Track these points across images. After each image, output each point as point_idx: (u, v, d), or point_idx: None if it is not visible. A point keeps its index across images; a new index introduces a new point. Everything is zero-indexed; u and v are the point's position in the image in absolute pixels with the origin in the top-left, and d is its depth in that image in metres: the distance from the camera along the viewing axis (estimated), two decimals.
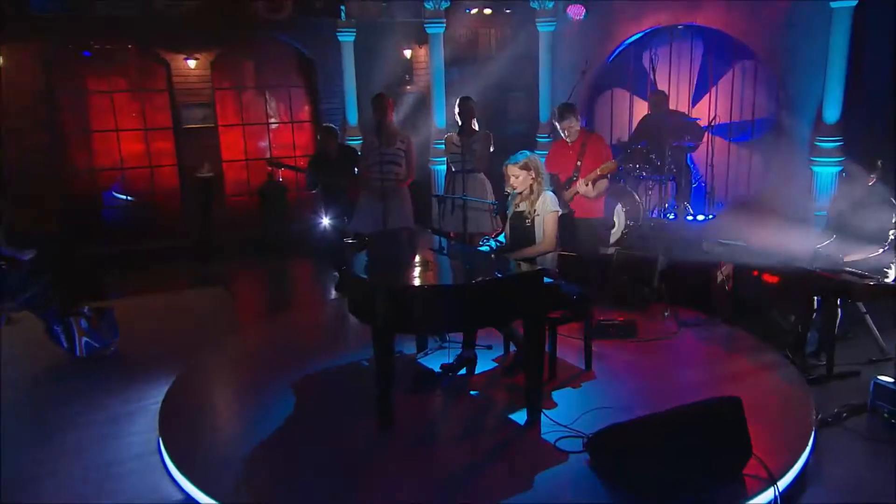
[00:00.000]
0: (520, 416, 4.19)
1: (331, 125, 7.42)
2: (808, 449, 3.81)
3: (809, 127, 7.20)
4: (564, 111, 5.81)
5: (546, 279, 4.19)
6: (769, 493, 3.37)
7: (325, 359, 5.27)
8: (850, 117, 6.86)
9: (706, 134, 7.83)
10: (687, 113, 8.21)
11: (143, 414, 4.63)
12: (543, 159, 5.69)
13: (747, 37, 7.77)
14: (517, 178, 4.66)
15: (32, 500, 3.73)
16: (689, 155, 8.12)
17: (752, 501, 3.34)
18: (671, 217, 7.68)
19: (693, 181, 8.12)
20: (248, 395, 4.81)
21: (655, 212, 7.67)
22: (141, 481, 3.89)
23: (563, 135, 5.84)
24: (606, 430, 3.58)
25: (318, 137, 7.41)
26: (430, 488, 3.56)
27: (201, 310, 7.01)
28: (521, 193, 4.72)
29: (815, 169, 6.99)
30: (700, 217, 7.75)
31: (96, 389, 5.09)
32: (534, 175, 4.65)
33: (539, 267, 4.34)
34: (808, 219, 6.57)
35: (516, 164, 4.66)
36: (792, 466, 3.59)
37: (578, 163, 5.71)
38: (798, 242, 5.60)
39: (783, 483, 3.48)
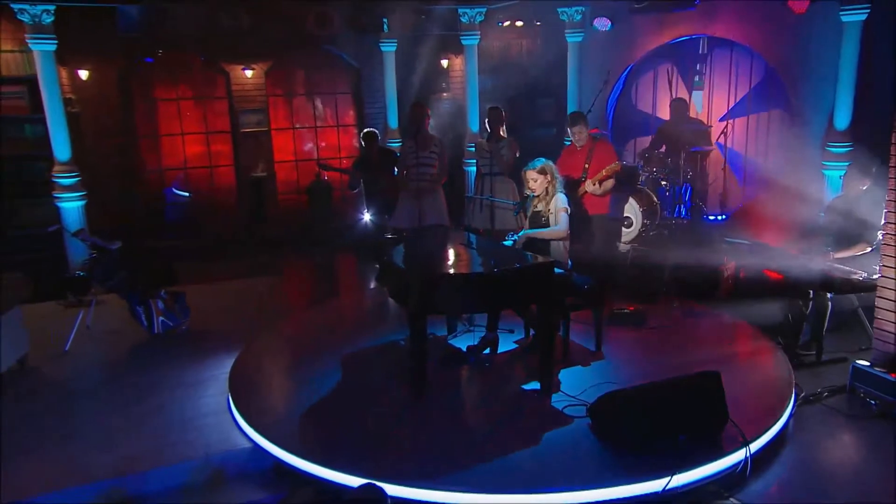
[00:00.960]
0: (534, 387, 4.70)
1: (372, 130, 7.76)
2: (783, 419, 4.27)
3: (821, 133, 7.41)
4: (575, 119, 6.33)
5: (557, 270, 4.75)
6: (742, 453, 3.86)
7: (366, 338, 5.77)
8: (859, 124, 7.06)
9: (723, 137, 8.17)
10: (702, 120, 8.51)
11: (213, 381, 5.20)
12: None
13: (762, 48, 8.00)
14: (535, 181, 5.19)
15: (133, 448, 4.31)
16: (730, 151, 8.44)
17: (726, 458, 3.83)
18: (686, 217, 7.99)
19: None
20: (302, 366, 5.36)
21: (671, 211, 7.98)
22: (216, 433, 4.46)
23: (573, 139, 6.37)
24: (604, 397, 4.12)
25: (361, 141, 7.79)
26: (455, 442, 4.10)
27: (257, 295, 7.43)
28: (538, 195, 5.24)
29: (826, 172, 7.25)
30: (719, 217, 8.11)
31: (172, 361, 5.64)
32: (549, 179, 5.17)
33: (550, 259, 4.85)
34: (816, 219, 6.92)
35: (534, 169, 5.18)
36: (765, 432, 4.07)
37: (586, 165, 6.22)
38: (798, 241, 6.04)
39: (757, 445, 3.97)
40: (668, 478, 3.64)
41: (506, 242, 5.48)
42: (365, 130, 7.81)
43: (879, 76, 7.21)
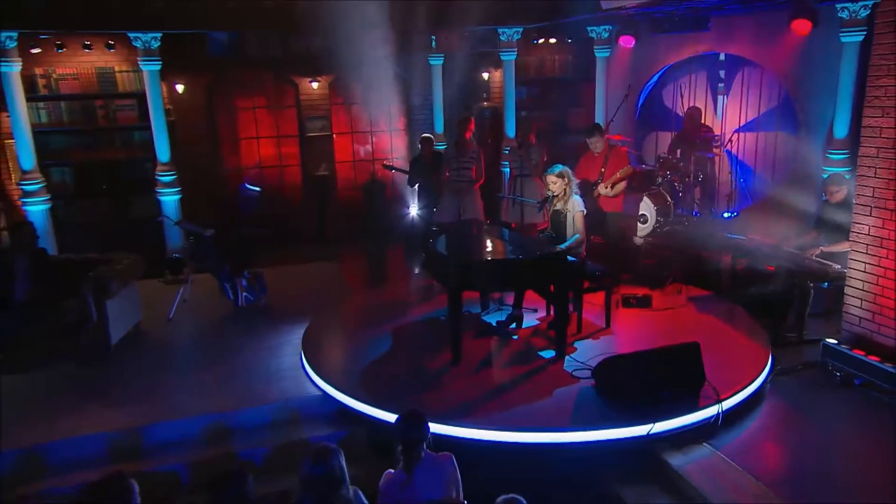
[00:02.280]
0: (549, 354, 5.36)
1: (429, 135, 8.25)
2: (756, 384, 4.85)
3: (822, 141, 7.73)
4: (592, 130, 6.92)
5: (570, 258, 5.42)
6: (715, 408, 4.48)
7: (412, 314, 6.42)
8: (857, 134, 7.45)
9: (730, 144, 8.59)
10: (711, 127, 8.80)
11: (288, 345, 5.94)
12: None
13: (772, 65, 8.30)
14: (555, 184, 5.82)
15: (228, 394, 5.07)
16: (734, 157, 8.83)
17: (701, 411, 4.46)
18: (696, 215, 8.33)
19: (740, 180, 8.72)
20: (360, 334, 6.06)
21: (683, 210, 8.32)
22: (292, 384, 5.23)
23: (590, 147, 6.96)
24: (604, 361, 4.79)
25: (419, 144, 8.28)
26: (482, 394, 4.81)
27: (320, 279, 7.94)
28: (557, 196, 5.86)
29: (826, 177, 7.71)
30: (724, 215, 8.47)
31: (254, 328, 6.37)
32: (566, 182, 5.79)
33: (561, 249, 5.48)
34: (812, 219, 7.23)
35: (553, 173, 5.80)
36: (737, 393, 4.66)
37: (602, 169, 6.82)
38: (794, 238, 6.49)
39: (730, 403, 4.58)
40: (651, 425, 4.32)
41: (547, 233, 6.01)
42: (423, 135, 8.31)
43: None
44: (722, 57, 9.16)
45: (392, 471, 3.34)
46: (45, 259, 5.95)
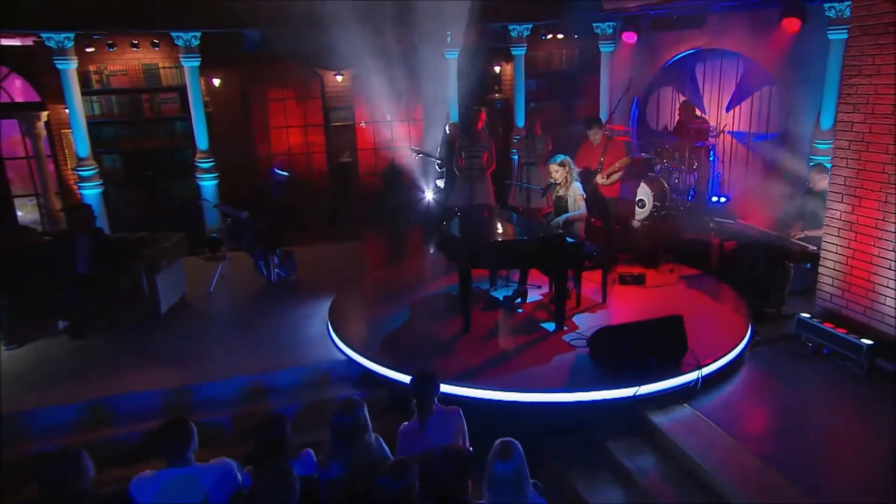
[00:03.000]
0: (550, 326, 5.65)
1: (455, 122, 8.44)
2: (734, 354, 5.10)
3: (809, 131, 7.89)
4: (591, 122, 7.11)
5: (569, 239, 5.69)
6: (696, 374, 4.75)
7: (427, 289, 6.68)
8: None
9: (723, 135, 8.76)
10: (706, 118, 9.04)
11: (316, 316, 6.25)
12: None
13: (763, 59, 8.44)
14: (556, 172, 6.08)
15: (263, 358, 5.42)
16: (713, 150, 9.04)
17: (683, 376, 4.73)
18: (691, 200, 8.65)
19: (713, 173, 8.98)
20: (380, 306, 6.33)
21: (678, 195, 8.59)
22: (320, 349, 5.57)
23: (589, 138, 7.17)
24: (599, 331, 5.05)
25: (447, 129, 8.47)
26: (488, 360, 5.10)
27: (344, 257, 8.21)
28: (559, 183, 6.14)
29: (812, 165, 7.84)
30: (715, 199, 8.70)
31: (285, 301, 6.68)
32: (567, 170, 6.05)
33: (561, 231, 5.75)
34: (796, 204, 7.37)
35: (555, 163, 6.06)
36: (716, 361, 4.93)
37: (602, 159, 7.05)
38: (779, 221, 6.67)
39: (710, 369, 4.84)
40: (637, 387, 4.63)
41: (556, 220, 6.24)
42: (451, 122, 8.52)
43: None
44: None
45: (407, 423, 3.68)
46: (102, 238, 6.32)
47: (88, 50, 8.63)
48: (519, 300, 6.26)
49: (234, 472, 3.18)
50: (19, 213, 9.32)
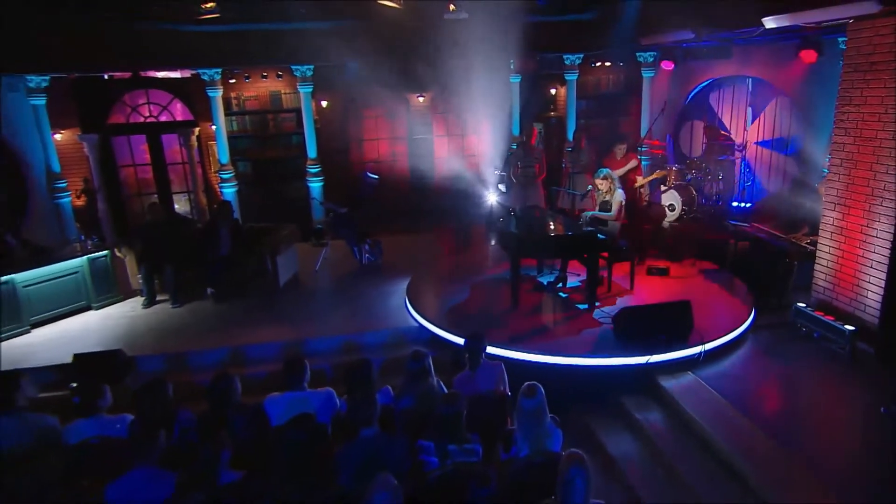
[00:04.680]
0: (583, 306, 6.00)
1: (518, 135, 8.77)
2: (734, 334, 5.32)
3: (824, 147, 7.67)
4: (618, 141, 7.45)
5: (601, 236, 6.00)
6: (699, 348, 5.05)
7: (486, 274, 7.13)
8: None
9: (752, 148, 8.75)
10: (730, 135, 9.00)
11: (397, 291, 6.81)
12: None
13: (784, 84, 8.41)
14: (602, 184, 6.36)
15: (356, 322, 6.04)
16: (744, 160, 9.01)
17: (688, 350, 5.04)
18: (716, 204, 8.62)
19: (745, 180, 8.97)
20: (447, 286, 6.80)
21: (704, 201, 8.58)
22: (400, 317, 6.15)
23: (615, 151, 7.47)
24: (622, 311, 5.40)
25: (515, 143, 8.76)
26: (531, 330, 5.54)
27: (420, 246, 8.60)
28: (602, 191, 6.40)
29: (823, 177, 7.73)
30: (736, 205, 8.67)
31: (374, 280, 7.27)
32: (610, 182, 6.33)
33: (591, 230, 6.05)
34: (808, 210, 7.23)
35: (600, 176, 6.37)
36: (719, 339, 5.20)
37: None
38: (790, 225, 6.74)
39: (713, 345, 5.12)
40: (649, 356, 4.99)
41: (586, 214, 6.59)
42: (517, 135, 8.87)
43: None
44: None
45: (461, 373, 4.23)
46: (238, 227, 7.20)
47: (231, 81, 9.53)
48: (560, 285, 6.60)
49: (334, 398, 3.85)
50: (176, 206, 10.44)
